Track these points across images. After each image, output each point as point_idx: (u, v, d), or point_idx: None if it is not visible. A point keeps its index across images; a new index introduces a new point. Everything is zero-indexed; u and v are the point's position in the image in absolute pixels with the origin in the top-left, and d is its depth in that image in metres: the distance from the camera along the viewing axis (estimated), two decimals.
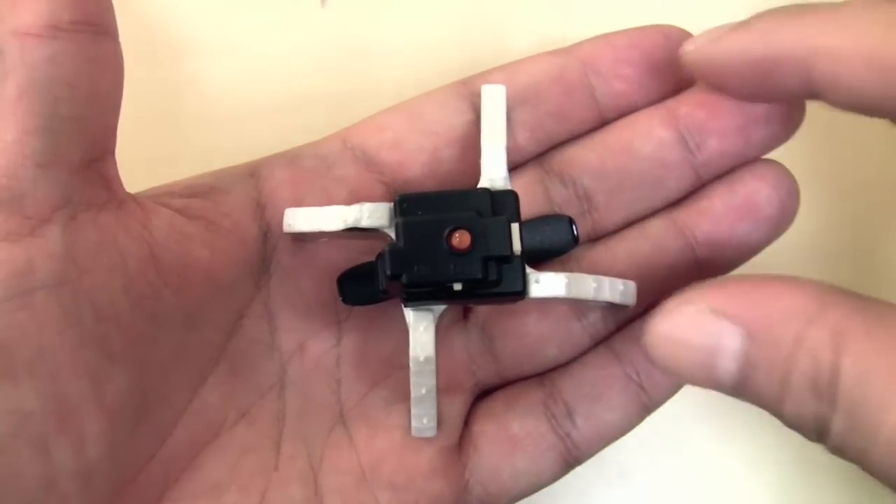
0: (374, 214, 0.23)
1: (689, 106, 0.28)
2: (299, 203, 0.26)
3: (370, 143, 0.28)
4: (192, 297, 0.25)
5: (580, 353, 0.28)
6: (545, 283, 0.24)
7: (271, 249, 0.27)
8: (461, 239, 0.22)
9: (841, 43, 0.21)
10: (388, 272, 0.22)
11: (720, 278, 0.22)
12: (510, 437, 0.27)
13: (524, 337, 0.28)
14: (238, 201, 0.27)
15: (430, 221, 0.23)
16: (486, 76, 0.28)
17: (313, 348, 0.28)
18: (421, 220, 0.23)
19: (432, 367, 0.24)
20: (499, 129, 0.25)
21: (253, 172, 0.28)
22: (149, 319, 0.23)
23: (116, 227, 0.23)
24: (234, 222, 0.26)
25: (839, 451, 0.20)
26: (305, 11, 0.34)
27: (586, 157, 0.29)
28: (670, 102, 0.28)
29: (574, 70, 0.28)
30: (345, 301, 0.27)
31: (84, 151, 0.22)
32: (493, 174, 0.24)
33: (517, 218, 0.23)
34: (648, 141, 0.28)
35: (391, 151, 0.28)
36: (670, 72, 0.28)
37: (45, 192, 0.21)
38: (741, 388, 0.21)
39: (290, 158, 0.28)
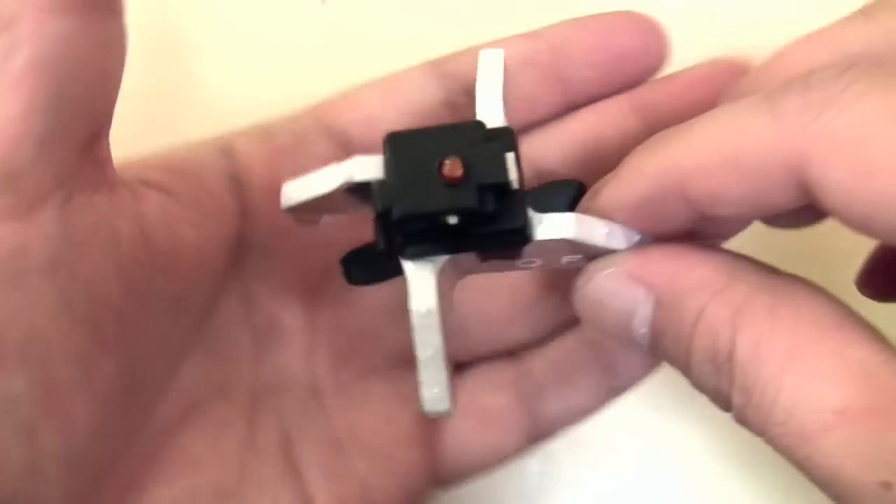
0: (365, 166, 0.22)
1: (657, 94, 0.28)
2: (275, 180, 0.25)
3: (343, 119, 0.28)
4: (180, 279, 0.24)
5: (551, 334, 0.29)
6: (551, 224, 0.22)
7: (248, 227, 0.27)
8: (452, 167, 0.21)
9: (707, 157, 0.20)
10: (379, 206, 0.21)
11: (646, 246, 0.22)
12: (482, 412, 0.28)
13: (494, 316, 0.28)
14: (215, 178, 0.26)
15: (420, 153, 0.21)
16: (459, 57, 0.28)
17: (289, 323, 0.28)
18: (410, 153, 0.21)
19: (436, 321, 0.22)
20: (496, 85, 0.24)
21: (226, 148, 0.27)
22: (139, 303, 0.23)
23: (110, 208, 0.22)
24: (214, 200, 0.26)
25: (742, 422, 0.20)
26: (305, 11, 0.34)
27: (552, 144, 0.29)
28: (639, 90, 0.28)
29: (545, 55, 0.28)
30: (350, 281, 0.26)
31: (84, 131, 0.22)
32: (490, 119, 0.23)
33: (513, 149, 0.22)
34: (615, 129, 0.28)
35: (364, 128, 0.28)
36: (639, 60, 0.28)
37: (43, 172, 0.21)
38: (653, 351, 0.22)
39: (263, 134, 0.28)
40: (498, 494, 0.36)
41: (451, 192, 0.21)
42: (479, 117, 0.23)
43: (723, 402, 0.21)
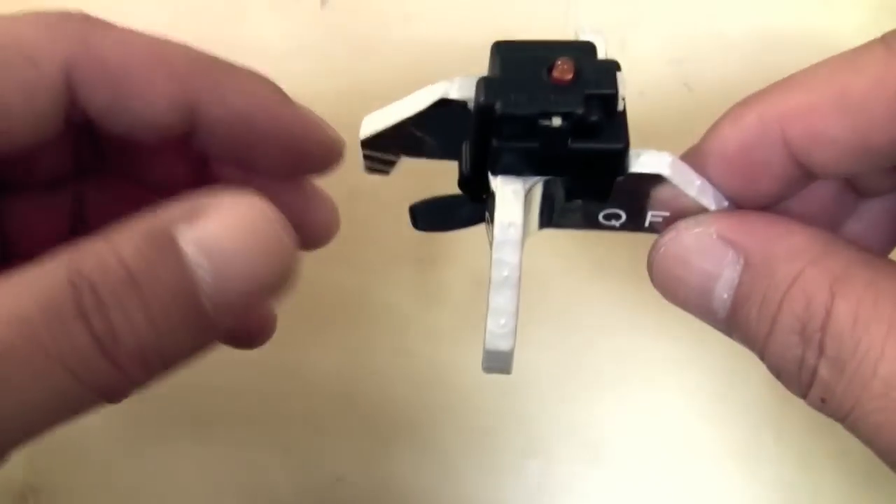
0: (463, 84, 0.21)
1: None
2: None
3: None
4: None
5: None
6: (648, 158, 0.22)
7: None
8: (563, 68, 0.20)
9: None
10: (481, 99, 0.20)
11: (739, 210, 0.22)
12: None
13: None
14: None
15: (530, 57, 0.20)
16: None
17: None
18: (519, 56, 0.21)
19: (518, 238, 0.21)
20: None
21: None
22: None
23: None
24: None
25: (823, 401, 0.19)
26: (305, 11, 0.34)
27: None
28: None
29: None
30: (416, 227, 0.24)
31: None
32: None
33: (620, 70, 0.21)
34: None
35: None
36: None
37: None
38: (731, 320, 0.21)
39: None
40: (498, 494, 0.36)
41: (559, 93, 0.20)
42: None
43: (804, 379, 0.19)
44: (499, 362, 0.21)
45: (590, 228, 0.24)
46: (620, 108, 0.20)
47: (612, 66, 0.21)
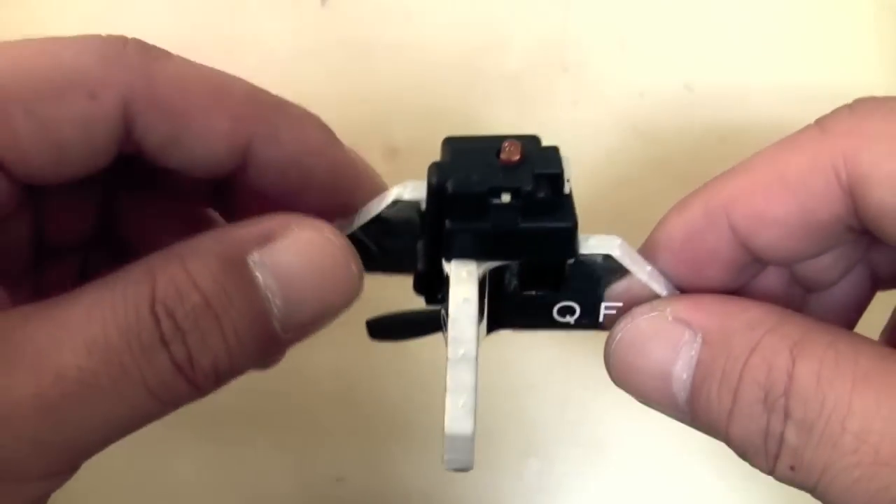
0: (417, 186, 0.22)
1: None
2: None
3: None
4: None
5: None
6: (598, 241, 0.22)
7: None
8: (511, 150, 0.21)
9: None
10: (434, 180, 0.21)
11: (691, 294, 0.22)
12: None
13: None
14: None
15: (478, 144, 0.21)
16: None
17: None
18: (467, 146, 0.22)
19: (473, 314, 0.21)
20: None
21: None
22: None
23: None
24: None
25: (793, 469, 0.19)
26: (305, 11, 0.34)
27: None
28: None
29: None
30: (372, 337, 0.26)
31: None
32: None
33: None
34: None
35: None
36: None
37: None
38: (692, 403, 0.20)
39: None
40: (498, 494, 0.36)
41: (508, 173, 0.21)
42: None
43: (770, 449, 0.19)
44: (460, 451, 0.20)
45: (544, 328, 0.24)
46: (567, 190, 0.21)
47: (556, 150, 0.21)
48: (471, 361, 0.21)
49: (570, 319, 0.24)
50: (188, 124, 0.21)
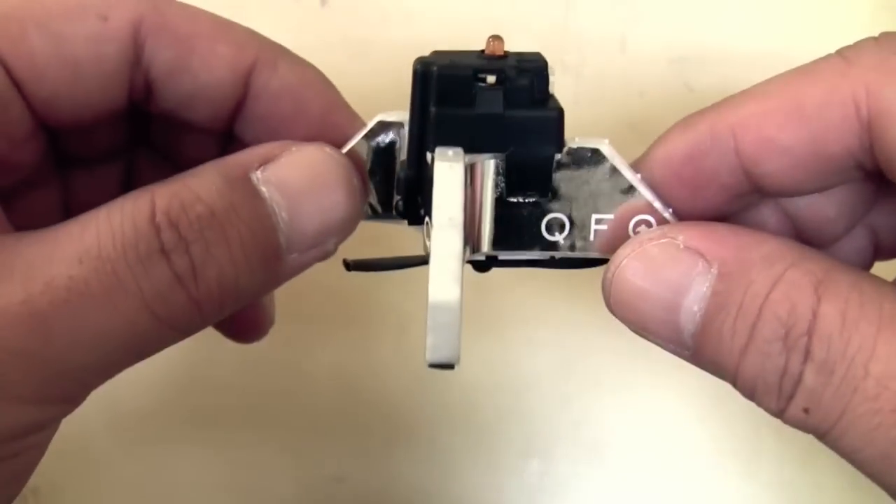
0: (400, 114, 0.23)
1: None
2: None
3: None
4: None
5: None
6: (584, 139, 0.21)
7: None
8: (495, 45, 0.21)
9: None
10: (419, 67, 0.21)
11: (701, 222, 0.21)
12: None
13: None
14: None
15: (462, 52, 0.22)
16: None
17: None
18: (452, 52, 0.22)
19: (459, 179, 0.20)
20: None
21: None
22: None
23: None
24: None
25: (807, 411, 0.18)
26: (305, 11, 0.34)
27: None
28: None
29: None
30: (348, 269, 0.24)
31: None
32: None
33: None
34: None
35: None
36: None
37: None
38: (699, 337, 0.19)
39: None
40: (498, 494, 0.36)
41: (493, 61, 0.21)
42: None
43: (786, 389, 0.18)
44: (444, 334, 0.19)
45: (532, 249, 0.23)
46: (552, 78, 0.21)
47: (538, 53, 0.21)
48: (458, 227, 0.20)
49: (560, 238, 0.22)
50: (193, 48, 0.22)
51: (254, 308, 0.26)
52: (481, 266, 0.23)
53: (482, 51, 0.21)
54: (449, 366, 0.19)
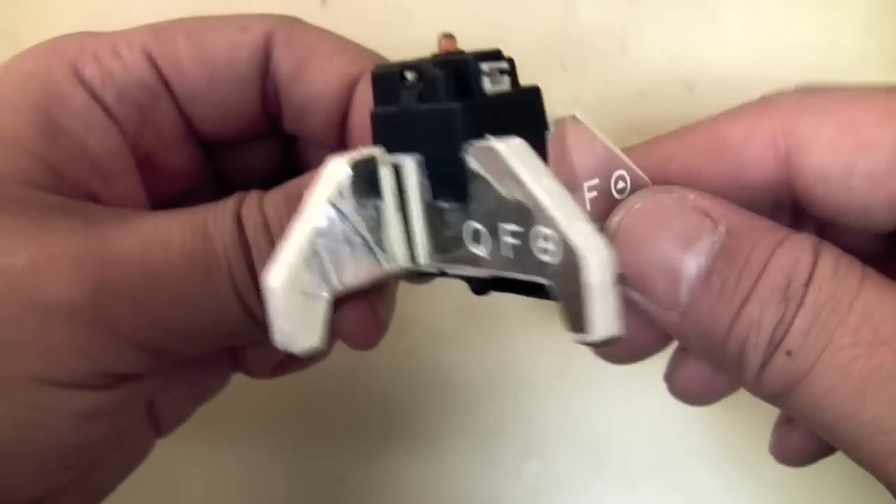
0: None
1: None
2: None
3: None
4: None
5: None
6: (496, 140, 0.19)
7: None
8: (447, 44, 0.21)
9: None
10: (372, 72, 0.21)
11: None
12: None
13: None
14: None
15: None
16: None
17: None
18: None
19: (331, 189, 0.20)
20: None
21: None
22: None
23: None
24: None
25: (789, 354, 0.19)
26: (305, 11, 0.34)
27: None
28: None
29: None
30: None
31: None
32: None
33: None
34: None
35: None
36: None
37: None
38: (699, 289, 0.20)
39: None
40: (497, 494, 0.36)
41: (431, 60, 0.20)
42: None
43: (776, 337, 0.19)
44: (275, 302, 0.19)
45: (464, 269, 0.21)
46: (487, 88, 0.20)
47: (497, 50, 0.21)
48: (308, 220, 0.20)
49: (484, 252, 0.20)
50: (312, 58, 0.26)
51: (365, 311, 0.26)
52: (477, 288, 0.22)
53: (435, 53, 0.21)
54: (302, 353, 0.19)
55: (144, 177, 0.26)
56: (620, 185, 0.22)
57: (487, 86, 0.20)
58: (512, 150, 0.19)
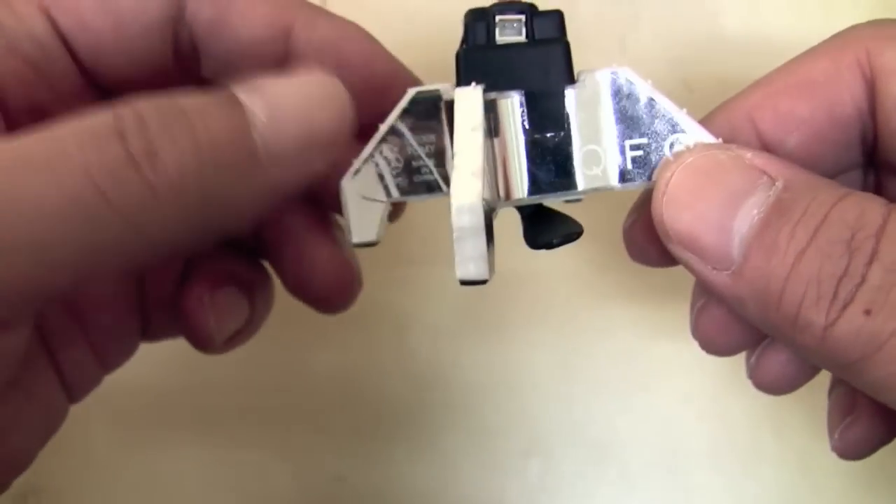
0: (437, 86, 0.24)
1: None
2: None
3: None
4: None
5: None
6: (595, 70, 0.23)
7: None
8: None
9: None
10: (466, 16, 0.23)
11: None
12: None
13: None
14: None
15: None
16: None
17: None
18: None
19: (479, 98, 0.22)
20: None
21: None
22: None
23: None
24: None
25: (868, 313, 0.17)
26: None
27: None
28: None
29: None
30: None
31: None
32: None
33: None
34: None
35: None
36: None
37: None
38: (752, 243, 0.18)
39: None
40: (500, 494, 0.36)
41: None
42: None
43: (843, 294, 0.17)
44: (470, 245, 0.20)
45: (572, 189, 0.23)
46: (545, 33, 0.22)
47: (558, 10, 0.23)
48: (479, 131, 0.21)
49: (598, 171, 0.22)
50: (232, 6, 0.23)
51: (334, 265, 0.26)
52: (543, 241, 0.23)
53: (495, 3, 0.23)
54: (480, 282, 0.20)
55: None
56: (678, 147, 0.22)
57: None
58: (633, 75, 0.22)
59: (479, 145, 0.20)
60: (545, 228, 0.23)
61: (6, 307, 0.18)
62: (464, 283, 0.20)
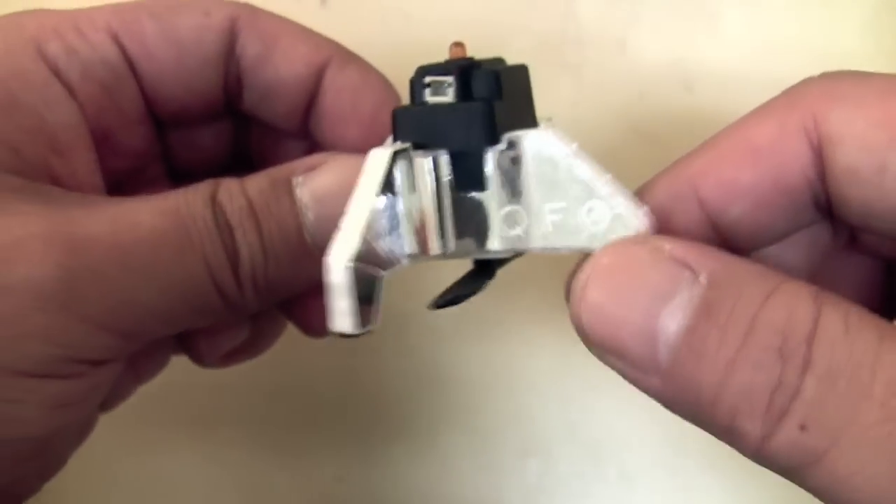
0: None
1: None
2: None
3: None
4: None
5: None
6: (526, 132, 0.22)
7: None
8: (457, 51, 0.23)
9: None
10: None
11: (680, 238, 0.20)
12: None
13: None
14: None
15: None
16: None
17: None
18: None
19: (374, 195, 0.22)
20: None
21: None
22: None
23: None
24: None
25: (803, 429, 0.17)
26: (305, 11, 0.34)
27: None
28: None
29: None
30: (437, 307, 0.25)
31: None
32: None
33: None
34: None
35: None
36: None
37: None
38: (680, 350, 0.18)
39: None
40: (497, 494, 0.36)
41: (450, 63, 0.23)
42: None
43: (779, 405, 0.17)
44: (336, 277, 0.21)
45: (494, 248, 0.23)
46: (479, 92, 0.22)
47: (500, 58, 0.23)
48: (374, 192, 0.22)
49: (519, 231, 0.22)
50: (277, 44, 0.26)
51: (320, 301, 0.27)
52: (430, 303, 0.24)
53: (447, 59, 0.23)
54: (352, 335, 0.21)
55: (101, 154, 0.25)
56: (595, 215, 0.21)
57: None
58: (557, 136, 0.22)
59: (369, 207, 0.21)
60: (454, 286, 0.24)
61: (117, 350, 0.23)
62: (336, 335, 0.21)
